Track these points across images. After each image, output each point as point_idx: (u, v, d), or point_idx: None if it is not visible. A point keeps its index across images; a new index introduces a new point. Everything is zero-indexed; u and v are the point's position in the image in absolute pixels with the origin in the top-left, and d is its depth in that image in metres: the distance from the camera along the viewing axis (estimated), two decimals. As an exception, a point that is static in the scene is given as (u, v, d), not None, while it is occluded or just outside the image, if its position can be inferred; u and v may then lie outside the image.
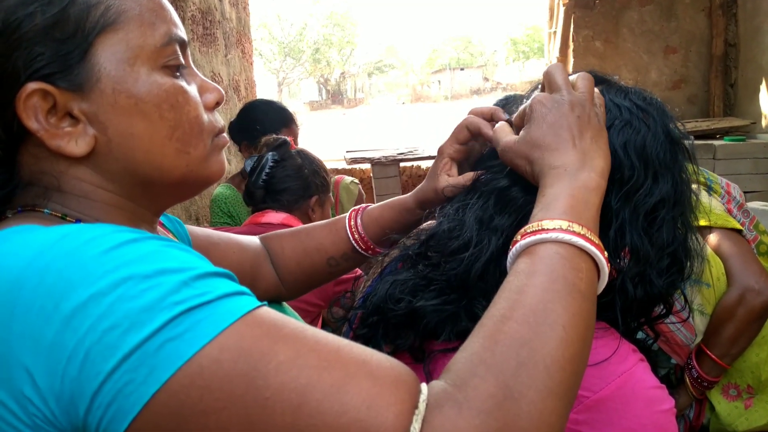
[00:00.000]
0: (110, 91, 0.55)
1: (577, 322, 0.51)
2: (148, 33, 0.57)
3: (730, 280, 1.36)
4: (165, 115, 0.57)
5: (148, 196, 0.61)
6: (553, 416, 0.47)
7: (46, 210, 0.56)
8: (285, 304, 1.02)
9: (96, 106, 0.55)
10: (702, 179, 1.56)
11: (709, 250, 1.36)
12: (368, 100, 57.88)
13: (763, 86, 3.83)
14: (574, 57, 4.49)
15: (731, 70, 4.23)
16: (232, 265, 0.87)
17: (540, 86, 0.71)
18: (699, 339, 1.38)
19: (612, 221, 0.64)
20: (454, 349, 0.55)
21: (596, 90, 0.66)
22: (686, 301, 0.74)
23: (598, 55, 4.43)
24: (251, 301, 0.48)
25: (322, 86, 56.22)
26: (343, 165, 4.12)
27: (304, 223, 1.52)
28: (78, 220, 0.57)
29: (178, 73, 0.59)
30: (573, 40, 4.49)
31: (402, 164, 3.49)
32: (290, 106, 2.39)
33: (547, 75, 0.67)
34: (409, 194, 0.90)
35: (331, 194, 1.76)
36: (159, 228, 0.76)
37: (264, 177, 1.59)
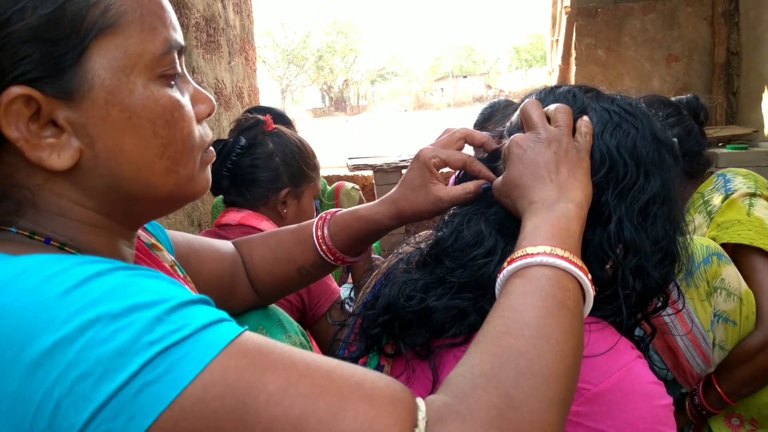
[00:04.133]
0: (103, 102, 0.50)
1: (569, 338, 0.52)
2: (148, 39, 0.52)
3: (759, 321, 1.26)
4: (159, 132, 0.53)
5: (129, 212, 0.57)
6: (553, 426, 0.47)
7: (12, 228, 0.51)
8: (274, 306, 1.01)
9: (85, 117, 0.49)
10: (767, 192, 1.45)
11: (744, 289, 1.28)
12: (371, 107, 57.99)
13: (765, 95, 3.83)
14: (576, 65, 4.50)
15: (733, 78, 4.23)
16: (212, 273, 0.86)
17: (534, 96, 0.74)
18: (712, 370, 1.32)
19: (611, 216, 0.66)
20: (461, 344, 0.55)
21: (585, 118, 0.69)
22: (680, 293, 0.75)
23: (601, 63, 4.44)
24: (232, 327, 0.45)
25: (325, 93, 56.37)
26: (345, 172, 4.14)
27: (273, 219, 1.40)
28: (47, 240, 0.52)
29: (173, 82, 0.55)
30: (575, 48, 4.50)
31: (404, 171, 3.50)
32: (293, 113, 2.40)
33: (523, 113, 0.70)
34: (381, 204, 0.84)
35: (319, 185, 1.54)
36: (145, 237, 0.74)
37: (228, 165, 1.37)
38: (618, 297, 0.67)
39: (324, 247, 0.88)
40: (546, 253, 0.56)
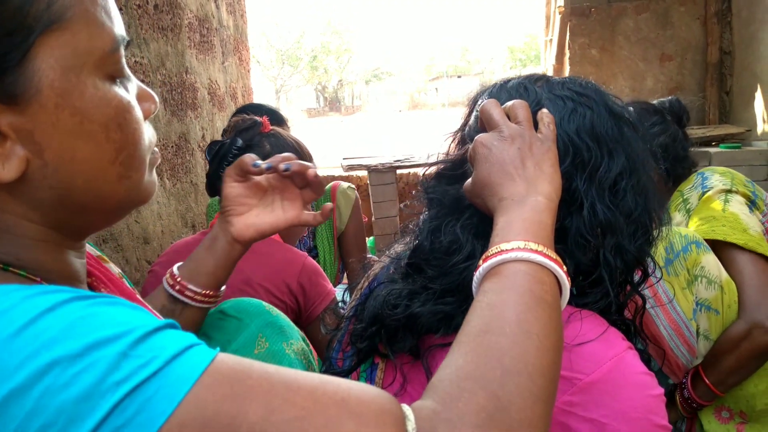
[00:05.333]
0: (52, 105, 0.45)
1: (549, 332, 0.52)
2: (96, 34, 0.47)
3: (741, 310, 1.29)
4: (111, 136, 0.49)
5: (77, 224, 0.53)
6: (540, 421, 0.47)
7: None
8: (277, 312, 1.00)
9: (33, 122, 0.44)
10: (748, 192, 1.49)
11: (725, 277, 1.30)
12: (366, 107, 57.92)
13: (758, 94, 3.85)
14: (570, 64, 4.50)
15: (726, 77, 4.25)
16: None
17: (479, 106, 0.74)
18: (698, 361, 1.35)
19: (583, 202, 0.68)
20: (451, 343, 0.55)
21: (544, 110, 0.70)
22: (654, 263, 0.76)
23: (594, 63, 4.45)
24: (203, 353, 0.41)
25: (319, 93, 56.28)
26: (340, 172, 4.13)
27: None
28: None
29: (118, 80, 0.51)
30: (569, 48, 4.50)
31: (399, 171, 3.49)
32: (288, 113, 2.39)
33: (483, 113, 0.70)
34: (210, 241, 0.88)
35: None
36: (92, 250, 0.69)
37: (225, 166, 1.32)
38: (603, 280, 0.68)
39: (171, 282, 0.86)
40: (520, 248, 0.56)
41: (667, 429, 0.60)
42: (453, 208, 0.73)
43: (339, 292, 1.98)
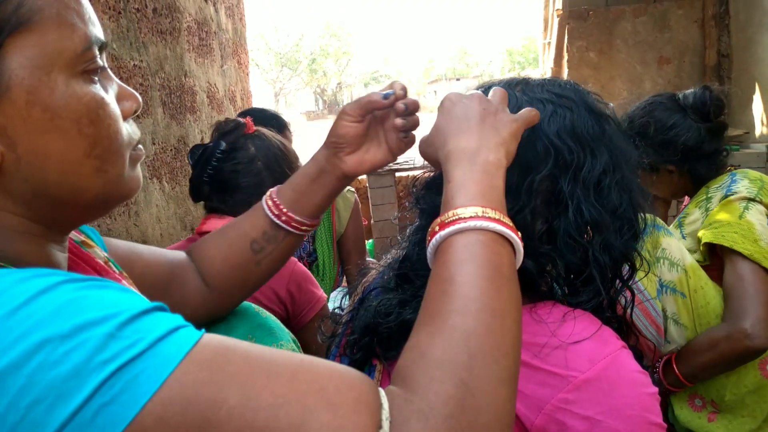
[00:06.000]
0: (23, 102, 0.47)
1: (510, 309, 0.52)
2: (66, 35, 0.49)
3: (728, 313, 1.30)
4: (84, 131, 0.50)
5: (58, 217, 0.54)
6: (507, 404, 0.48)
7: None
8: (266, 314, 0.99)
9: (5, 118, 0.47)
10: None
11: (689, 262, 1.32)
12: (365, 110, 57.87)
13: (756, 96, 3.86)
14: (568, 67, 4.51)
15: (724, 80, 4.26)
16: (147, 277, 0.81)
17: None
18: (671, 347, 1.36)
19: (568, 204, 0.68)
20: None
21: (533, 109, 0.70)
22: (642, 258, 0.76)
23: (592, 66, 4.46)
24: (189, 335, 0.43)
25: (318, 96, 56.34)
26: (339, 175, 4.12)
27: None
28: None
29: (96, 77, 0.53)
30: (567, 51, 4.51)
31: (398, 174, 3.49)
32: (287, 116, 2.38)
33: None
34: (316, 153, 0.87)
35: None
36: (74, 235, 0.70)
37: (209, 170, 1.32)
38: (594, 279, 0.68)
39: (275, 211, 0.86)
40: (478, 216, 0.56)
41: (662, 427, 0.60)
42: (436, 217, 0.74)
43: (338, 295, 1.98)
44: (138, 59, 2.12)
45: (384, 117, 0.86)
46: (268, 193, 0.89)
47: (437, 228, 0.58)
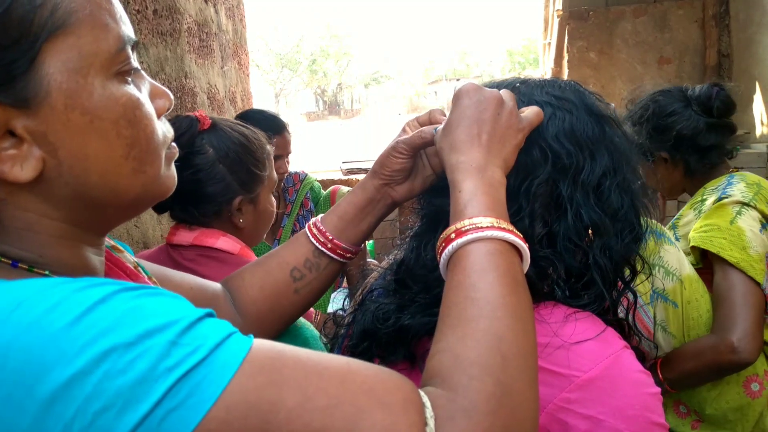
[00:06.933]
0: (62, 107, 0.47)
1: (529, 314, 0.56)
2: (102, 36, 0.49)
3: (716, 324, 1.29)
4: (122, 133, 0.51)
5: (97, 219, 0.55)
6: (535, 402, 0.51)
7: None
8: (302, 323, 0.98)
9: (45, 124, 0.47)
10: (767, 210, 1.42)
11: (686, 273, 1.30)
12: (365, 110, 57.98)
13: (756, 96, 3.86)
14: (568, 68, 4.52)
15: (725, 80, 4.26)
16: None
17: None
18: (658, 353, 1.35)
19: (568, 208, 0.68)
20: None
21: (537, 108, 0.71)
22: (643, 260, 0.76)
23: (593, 66, 4.47)
24: (242, 341, 0.45)
25: (319, 97, 56.36)
26: (339, 176, 4.13)
27: (229, 232, 1.21)
28: (14, 262, 0.49)
29: (129, 78, 0.53)
30: (567, 51, 4.52)
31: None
32: (287, 116, 2.38)
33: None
34: (362, 180, 0.86)
35: (274, 176, 1.31)
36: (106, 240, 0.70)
37: None
38: (595, 283, 0.68)
39: (321, 239, 0.84)
40: (494, 226, 0.58)
41: (664, 427, 0.60)
42: (437, 222, 0.73)
43: (339, 296, 1.98)
44: (138, 60, 2.12)
45: None
46: (312, 221, 0.87)
47: (453, 236, 0.59)
